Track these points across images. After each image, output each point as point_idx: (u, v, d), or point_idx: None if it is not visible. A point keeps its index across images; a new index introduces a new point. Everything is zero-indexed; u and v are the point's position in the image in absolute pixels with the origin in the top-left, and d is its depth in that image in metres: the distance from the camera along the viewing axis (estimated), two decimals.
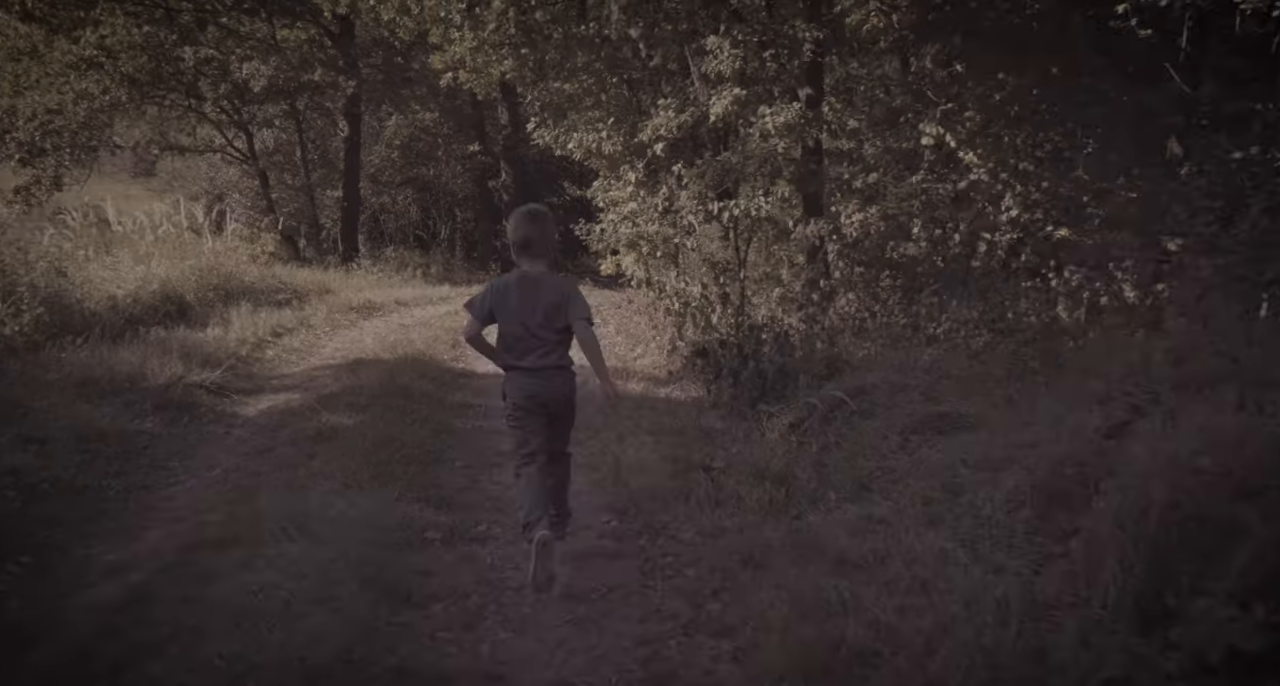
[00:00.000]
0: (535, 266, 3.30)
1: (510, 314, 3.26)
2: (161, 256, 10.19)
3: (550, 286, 3.30)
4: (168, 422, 5.37)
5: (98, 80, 14.67)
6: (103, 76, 14.68)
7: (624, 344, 9.02)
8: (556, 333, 3.29)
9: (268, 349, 8.19)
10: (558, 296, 3.28)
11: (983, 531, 3.17)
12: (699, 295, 8.11)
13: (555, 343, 3.29)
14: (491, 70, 9.25)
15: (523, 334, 3.25)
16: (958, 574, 2.92)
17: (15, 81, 15.64)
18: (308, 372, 7.21)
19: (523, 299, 3.24)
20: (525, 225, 3.30)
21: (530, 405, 3.29)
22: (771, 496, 3.89)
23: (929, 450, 4.03)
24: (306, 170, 18.48)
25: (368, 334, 9.41)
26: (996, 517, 3.20)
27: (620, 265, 9.93)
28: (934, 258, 7.37)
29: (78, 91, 14.55)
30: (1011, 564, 2.92)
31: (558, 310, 3.26)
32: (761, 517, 3.70)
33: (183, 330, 8.17)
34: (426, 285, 15.70)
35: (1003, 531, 3.13)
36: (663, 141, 7.89)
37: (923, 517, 3.46)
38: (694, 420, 5.60)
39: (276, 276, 12.02)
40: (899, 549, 3.23)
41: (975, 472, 3.59)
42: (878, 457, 4.18)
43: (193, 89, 15.71)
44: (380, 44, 17.45)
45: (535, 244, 3.28)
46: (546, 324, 3.25)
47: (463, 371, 7.56)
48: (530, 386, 3.28)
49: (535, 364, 3.26)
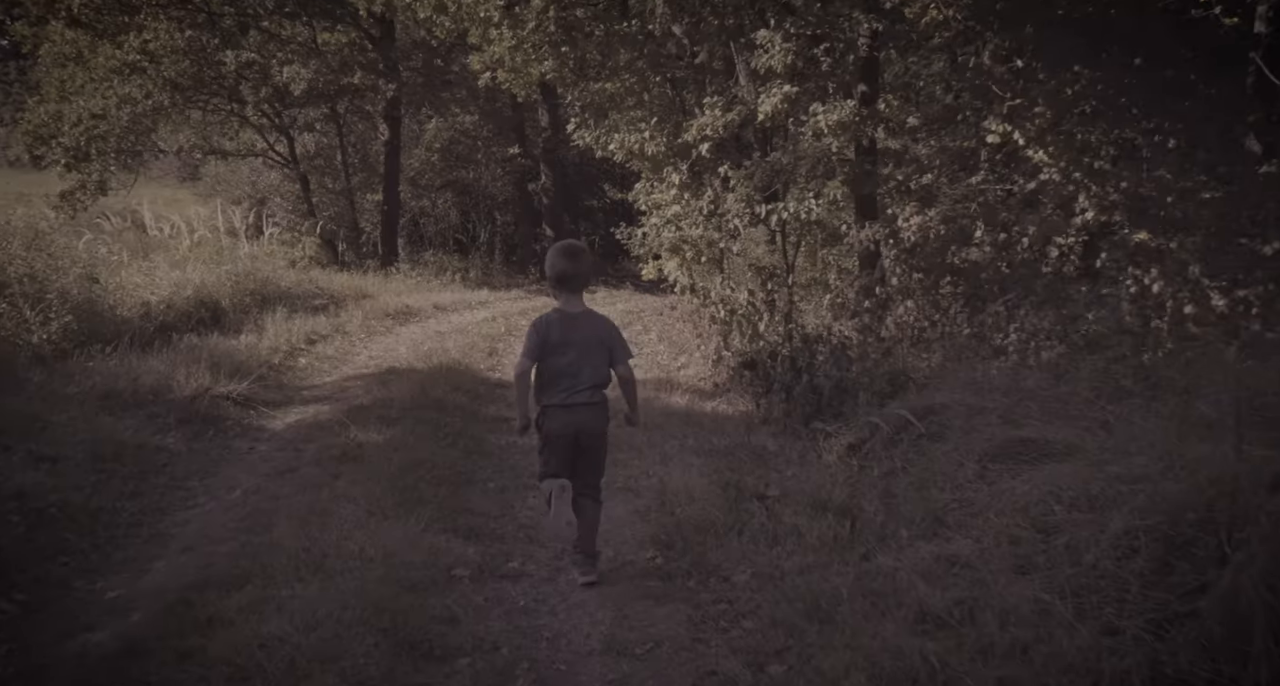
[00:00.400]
0: (573, 302, 3.36)
1: (551, 352, 3.30)
2: (197, 261, 10.07)
3: (590, 324, 3.38)
4: (191, 437, 5.13)
5: (140, 85, 14.71)
6: (145, 81, 14.71)
7: (667, 353, 8.67)
8: (594, 369, 3.34)
9: (300, 357, 7.98)
10: (599, 335, 3.37)
11: (1086, 582, 2.76)
12: (745, 302, 7.72)
13: (591, 379, 3.33)
14: (531, 70, 8.96)
15: (561, 371, 3.30)
16: (1062, 636, 2.51)
17: (61, 87, 15.79)
18: (339, 383, 6.96)
19: (564, 337, 3.30)
20: (562, 261, 3.35)
21: (562, 440, 3.33)
22: (835, 532, 3.50)
23: (1012, 481, 3.59)
24: (347, 174, 18.41)
25: (403, 341, 9.17)
26: (1102, 566, 2.78)
27: (662, 270, 9.57)
28: (999, 263, 6.89)
29: (121, 96, 14.59)
30: (1126, 625, 2.50)
31: (598, 349, 3.35)
32: (825, 557, 3.32)
33: (215, 337, 7.99)
34: (465, 289, 15.50)
35: (1111, 583, 2.71)
36: (708, 141, 7.52)
37: (1011, 561, 3.04)
38: (743, 438, 5.22)
39: (313, 281, 11.87)
40: (987, 599, 2.82)
41: (1071, 511, 3.16)
42: (952, 488, 3.76)
43: (234, 93, 15.70)
44: (420, 46, 17.32)
45: (571, 279, 3.35)
46: (585, 362, 3.31)
47: (498, 381, 7.26)
48: (565, 420, 3.31)
49: (570, 400, 3.30)
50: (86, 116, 14.88)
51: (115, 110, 14.70)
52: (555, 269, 3.35)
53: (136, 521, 3.89)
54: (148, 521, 3.90)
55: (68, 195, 15.79)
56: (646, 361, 8.25)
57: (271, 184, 20.94)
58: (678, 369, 7.91)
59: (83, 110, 14.90)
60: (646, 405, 6.35)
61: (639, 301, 14.82)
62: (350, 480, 4.19)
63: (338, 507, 3.80)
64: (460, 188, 20.78)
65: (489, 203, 21.39)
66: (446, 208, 21.26)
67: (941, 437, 4.14)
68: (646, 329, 10.25)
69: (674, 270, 8.88)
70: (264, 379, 6.81)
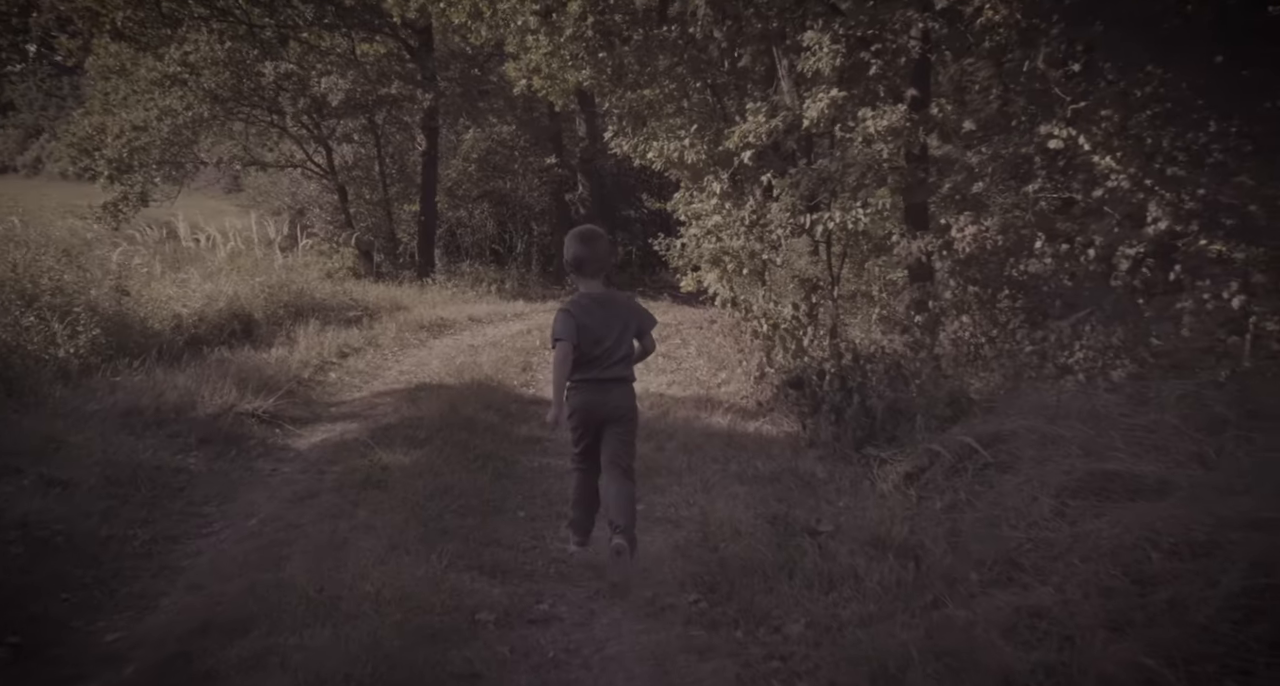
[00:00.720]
0: (592, 285, 3.47)
1: (584, 332, 3.38)
2: (230, 273, 9.99)
3: (616, 302, 3.51)
4: (212, 457, 4.93)
5: (181, 96, 14.80)
6: (185, 93, 14.81)
7: (706, 368, 8.35)
8: (624, 346, 3.48)
9: (331, 371, 7.80)
10: (625, 312, 3.51)
11: (1198, 648, 2.39)
12: (790, 316, 7.39)
13: (621, 356, 3.46)
14: (567, 76, 8.74)
15: (590, 350, 3.39)
16: None
17: (105, 100, 15.98)
18: (368, 399, 6.75)
19: (593, 317, 3.40)
20: (576, 245, 3.44)
21: (590, 415, 3.47)
22: (897, 575, 3.16)
23: (1096, 521, 3.22)
24: (384, 185, 18.40)
25: (436, 355, 8.97)
26: (1218, 630, 2.41)
27: (702, 282, 9.27)
28: (1061, 276, 6.48)
29: (161, 108, 14.70)
30: None
31: (627, 325, 3.47)
32: (888, 605, 2.97)
33: (246, 350, 7.86)
34: (501, 301, 15.34)
35: (1230, 651, 2.35)
36: (751, 149, 7.23)
37: (1104, 617, 2.68)
38: (790, 463, 4.89)
39: (348, 293, 11.76)
40: (1080, 663, 2.47)
41: (1170, 559, 2.79)
42: (1026, 527, 3.39)
43: (273, 104, 15.75)
44: (458, 56, 17.26)
45: (587, 263, 3.43)
46: (615, 339, 3.42)
47: (532, 398, 7.00)
48: (593, 397, 3.45)
49: (599, 376, 3.42)
50: (128, 128, 15.03)
51: (156, 122, 14.81)
52: (569, 252, 3.44)
53: (146, 551, 3.67)
54: (158, 551, 3.68)
55: (110, 206, 15.96)
56: (685, 377, 7.95)
57: (310, 195, 21.05)
58: (718, 385, 7.59)
59: (125, 122, 15.05)
60: (685, 425, 6.06)
61: (677, 314, 14.52)
62: (372, 508, 3.94)
63: (357, 539, 3.54)
64: (497, 198, 20.69)
65: (526, 213, 21.27)
66: (483, 218, 21.18)
67: (1011, 468, 3.78)
68: (685, 342, 9.94)
69: (714, 282, 8.58)
70: (292, 394, 6.63)
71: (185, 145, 16.21)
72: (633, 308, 3.56)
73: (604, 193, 20.75)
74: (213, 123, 15.93)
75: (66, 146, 16.27)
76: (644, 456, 5.24)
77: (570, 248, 3.44)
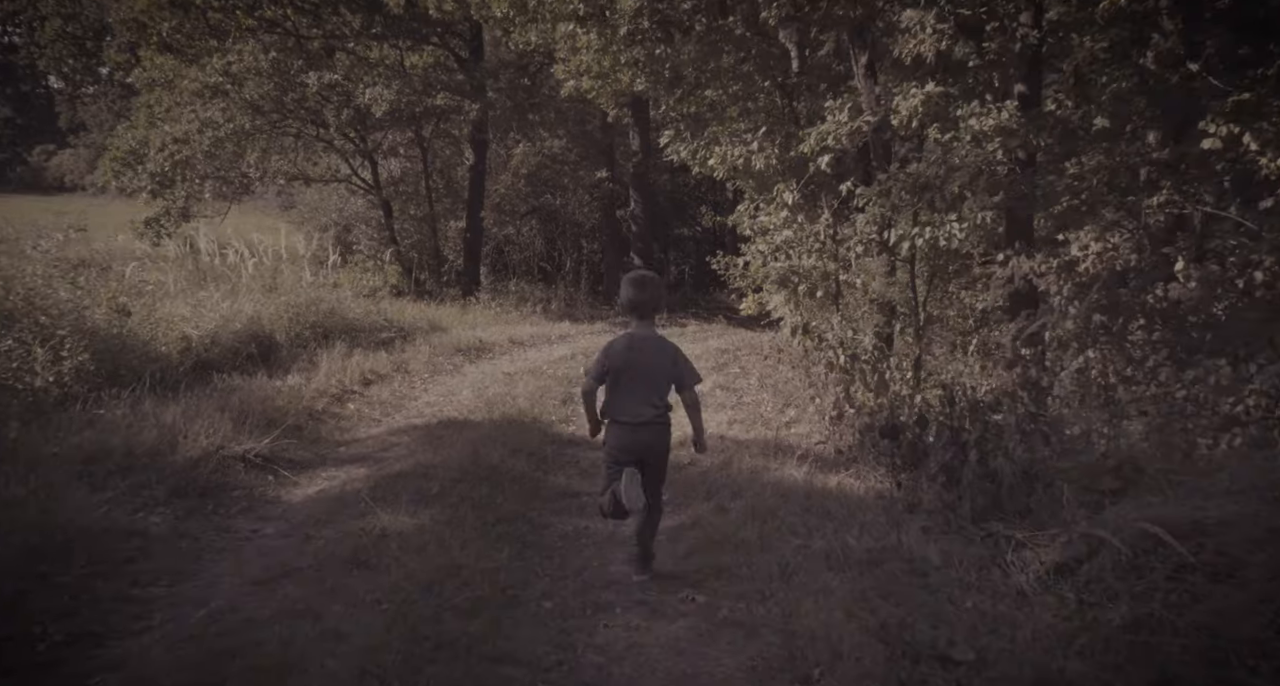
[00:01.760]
0: (643, 326, 3.59)
1: (620, 373, 3.50)
2: (253, 292, 9.29)
3: (658, 349, 3.57)
4: (181, 515, 4.08)
5: (223, 108, 14.33)
6: (228, 104, 14.33)
7: (772, 404, 7.32)
8: (660, 392, 3.54)
9: (350, 401, 6.97)
10: (666, 359, 3.56)
11: None
12: (871, 347, 6.35)
13: (656, 400, 3.53)
14: (619, 75, 7.85)
15: (628, 391, 3.51)
16: None
17: (150, 112, 15.62)
18: (384, 437, 5.88)
19: (632, 360, 3.50)
20: (632, 290, 3.57)
21: (626, 456, 3.51)
22: None
23: None
24: (430, 200, 17.76)
25: (468, 383, 8.09)
26: None
27: (765, 305, 8.27)
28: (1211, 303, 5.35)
29: (203, 119, 14.23)
30: None
31: (664, 372, 3.55)
32: None
33: (260, 377, 7.08)
34: (546, 321, 14.50)
35: None
36: (828, 153, 6.24)
37: None
38: (890, 537, 3.85)
39: (382, 312, 11.00)
40: None
41: None
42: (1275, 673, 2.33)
43: (316, 115, 15.22)
44: (507, 66, 16.58)
45: (641, 306, 3.57)
46: (651, 383, 3.52)
47: (570, 438, 6.07)
48: (629, 438, 3.52)
49: (636, 418, 3.50)
50: (170, 141, 14.60)
51: (197, 134, 14.35)
52: (626, 298, 3.60)
53: (52, 659, 2.79)
54: (68, 660, 2.80)
55: (152, 222, 15.57)
56: (748, 414, 6.94)
57: (357, 211, 20.59)
58: (786, 424, 6.56)
59: (166, 135, 14.63)
60: (752, 478, 5.05)
61: (733, 337, 13.49)
62: (351, 602, 3.02)
63: (318, 657, 2.62)
64: (546, 214, 19.96)
65: (575, 230, 20.50)
66: (532, 235, 20.46)
67: (1230, 577, 2.70)
68: (745, 372, 8.93)
69: (780, 306, 7.57)
70: (300, 430, 5.81)
71: (228, 159, 15.75)
72: (674, 357, 3.57)
73: (656, 209, 19.88)
74: (255, 135, 15.44)
75: (110, 160, 15.83)
76: (704, 522, 4.27)
77: (625, 292, 3.59)
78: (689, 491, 4.79)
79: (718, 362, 9.52)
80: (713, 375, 8.63)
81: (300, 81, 14.41)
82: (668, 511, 4.18)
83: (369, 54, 15.83)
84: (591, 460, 5.58)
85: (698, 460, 5.36)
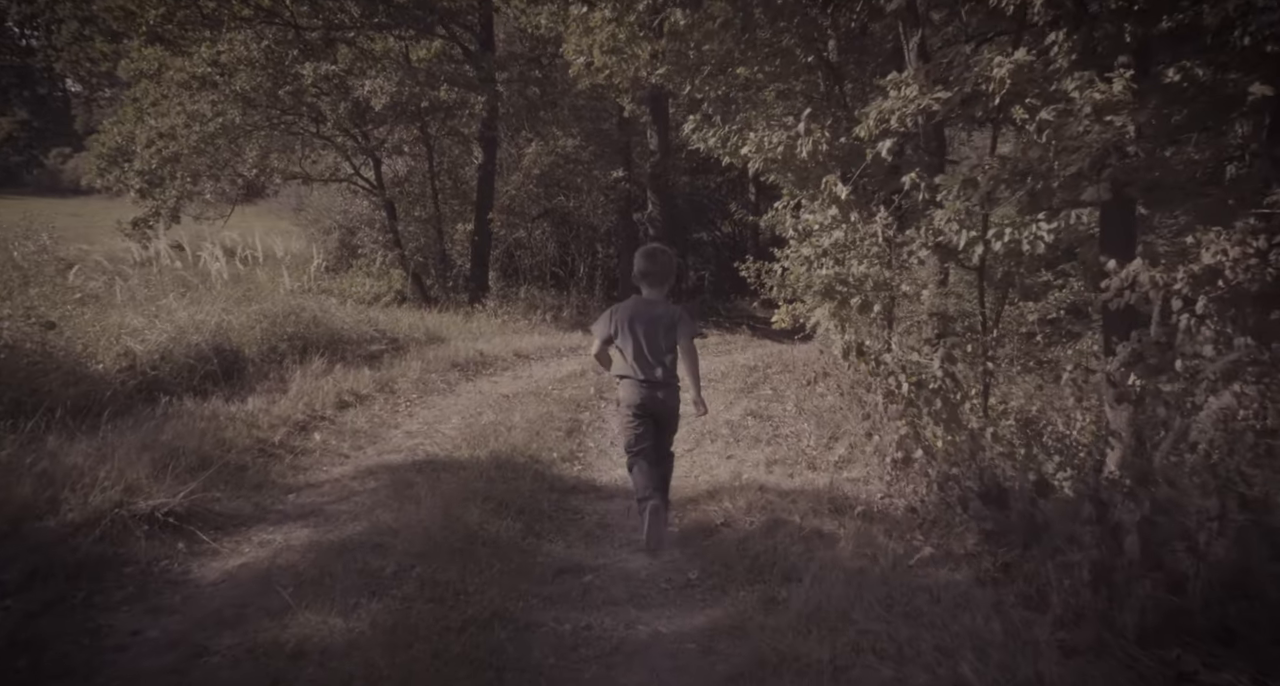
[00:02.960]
0: (651, 293, 3.94)
1: (628, 332, 3.86)
2: (226, 299, 8.26)
3: (663, 309, 3.91)
4: (33, 612, 2.99)
5: (213, 101, 13.35)
6: (216, 96, 13.36)
7: (815, 436, 6.19)
8: (667, 350, 3.88)
9: (317, 431, 5.89)
10: (669, 319, 3.89)
11: None
12: (941, 375, 5.19)
13: (665, 357, 3.86)
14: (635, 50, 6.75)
15: (637, 349, 3.85)
16: None
17: (136, 106, 14.70)
18: (344, 484, 4.78)
19: (639, 319, 3.86)
20: (642, 261, 3.93)
21: (642, 412, 3.85)
22: None
23: None
24: (436, 201, 16.73)
25: (460, 407, 7.01)
26: None
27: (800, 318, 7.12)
28: None
29: (189, 113, 13.27)
30: None
31: (670, 330, 3.88)
32: None
33: (215, 400, 6.04)
34: (556, 331, 13.41)
35: None
36: (889, 138, 5.11)
37: None
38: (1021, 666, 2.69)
39: (374, 322, 9.95)
40: None
41: None
42: None
43: (312, 109, 14.22)
44: (517, 58, 15.53)
45: (651, 275, 3.91)
46: (658, 341, 3.85)
47: (575, 483, 4.95)
48: (642, 395, 3.84)
49: (647, 376, 3.83)
50: (155, 136, 13.64)
51: (183, 128, 13.38)
52: (636, 267, 3.93)
53: None
54: None
55: (140, 222, 14.64)
56: (788, 451, 5.80)
57: (361, 213, 19.61)
58: (836, 466, 5.43)
59: (152, 130, 13.68)
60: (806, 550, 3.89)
61: (760, 351, 12.33)
62: None
63: None
64: (559, 217, 18.89)
65: (590, 233, 19.41)
66: (544, 239, 19.38)
67: None
68: (779, 395, 7.78)
69: (825, 321, 6.42)
70: (243, 471, 4.73)
71: (220, 156, 14.80)
72: (677, 315, 3.86)
73: (675, 212, 18.76)
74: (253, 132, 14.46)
75: (95, 157, 14.91)
76: (749, 624, 3.05)
77: (637, 262, 3.89)
78: (726, 567, 3.67)
79: (746, 383, 8.38)
80: (742, 399, 7.49)
81: (295, 72, 13.42)
82: (698, 605, 3.09)
83: (373, 46, 14.84)
84: (600, 514, 4.47)
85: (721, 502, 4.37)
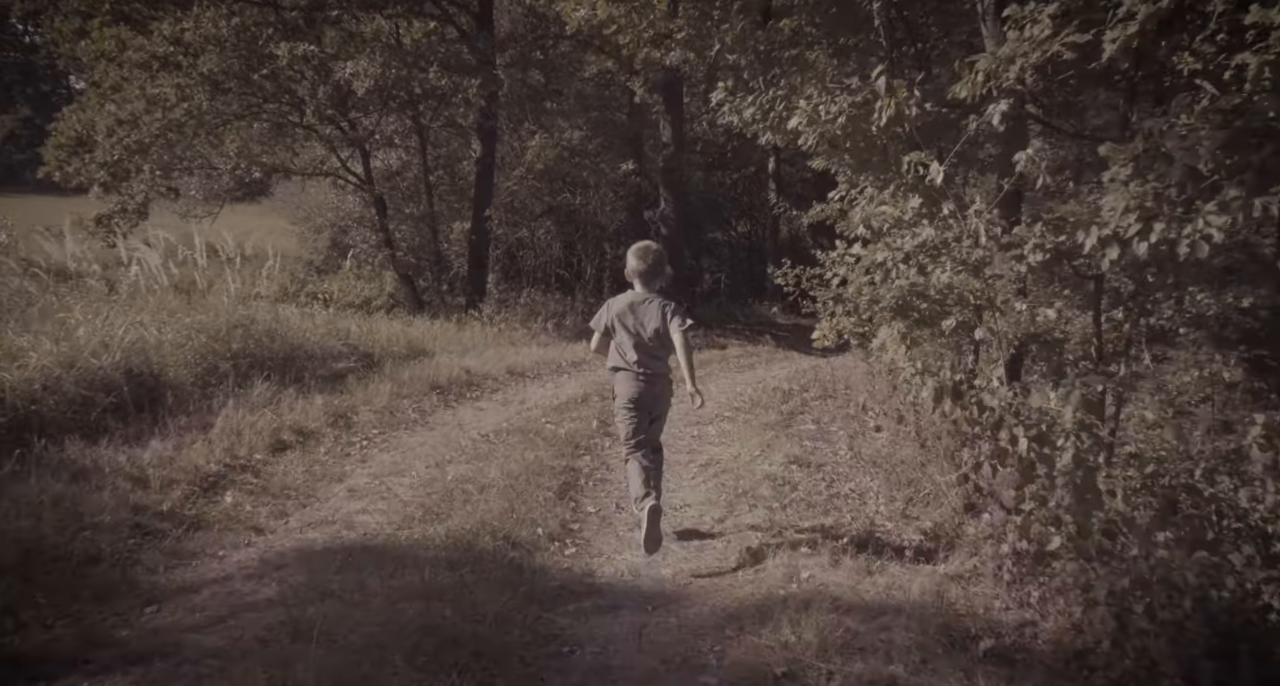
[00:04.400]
0: (645, 292, 4.02)
1: (621, 326, 3.98)
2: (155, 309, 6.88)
3: (656, 304, 3.99)
4: None
5: (177, 84, 11.98)
6: (183, 79, 11.98)
7: (883, 494, 4.76)
8: (659, 342, 3.96)
9: (230, 490, 4.47)
10: (661, 311, 3.97)
11: None
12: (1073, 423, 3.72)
13: (658, 351, 3.97)
14: None
15: (630, 342, 3.97)
16: None
17: (97, 91, 13.35)
18: (231, 586, 3.34)
19: (633, 313, 3.99)
20: (635, 260, 4.04)
21: (636, 403, 3.97)
22: None
23: None
24: (429, 196, 15.33)
25: (426, 449, 5.58)
26: None
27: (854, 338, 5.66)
28: None
29: (149, 97, 11.89)
30: None
31: (662, 323, 3.95)
32: None
33: (106, 443, 4.66)
34: (558, 342, 11.96)
35: None
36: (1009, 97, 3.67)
37: None
38: None
39: (343, 334, 8.56)
40: None
41: None
42: None
43: (289, 93, 12.83)
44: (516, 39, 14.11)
45: (643, 274, 4.02)
46: (651, 334, 3.95)
47: (565, 581, 3.51)
48: (637, 387, 3.96)
49: (640, 368, 3.96)
50: (115, 123, 12.27)
51: (145, 115, 12.01)
52: (629, 266, 4.07)
53: None
54: None
55: (104, 219, 13.29)
56: (854, 522, 4.35)
57: (352, 210, 18.25)
58: (924, 554, 3.98)
59: (111, 117, 12.31)
60: None
61: (789, 365, 10.84)
62: None
63: None
64: (564, 215, 17.46)
65: (597, 233, 17.95)
66: (548, 239, 17.95)
67: None
68: (825, 432, 6.32)
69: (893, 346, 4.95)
70: (89, 566, 3.34)
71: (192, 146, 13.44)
72: (669, 308, 3.96)
73: (689, 210, 17.32)
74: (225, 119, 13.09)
75: (53, 148, 13.53)
76: None
77: (629, 261, 4.07)
78: None
79: (782, 414, 6.91)
80: (780, 439, 5.99)
81: (269, 53, 12.03)
82: None
83: (362, 28, 13.44)
84: (600, 645, 3.04)
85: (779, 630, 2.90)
